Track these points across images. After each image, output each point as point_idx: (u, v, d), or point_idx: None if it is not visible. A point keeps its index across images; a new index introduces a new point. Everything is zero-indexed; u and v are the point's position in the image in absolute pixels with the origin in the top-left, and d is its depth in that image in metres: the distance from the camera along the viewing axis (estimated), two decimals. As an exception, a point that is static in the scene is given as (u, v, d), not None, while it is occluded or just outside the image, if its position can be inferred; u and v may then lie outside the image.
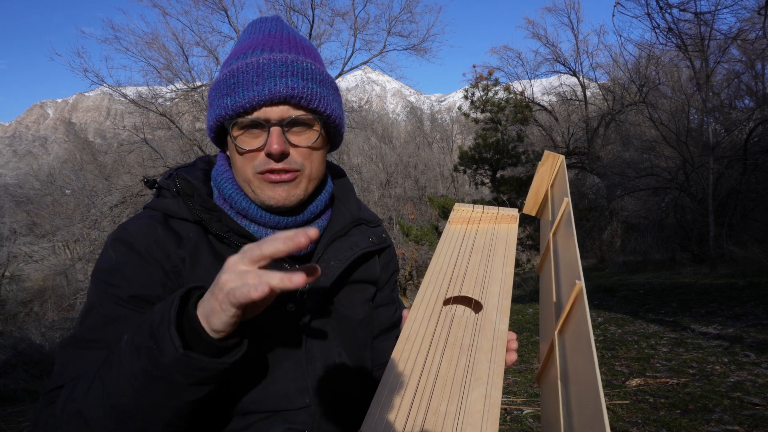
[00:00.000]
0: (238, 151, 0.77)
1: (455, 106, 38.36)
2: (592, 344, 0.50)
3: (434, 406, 0.60)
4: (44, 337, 7.70)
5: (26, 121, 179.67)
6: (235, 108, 0.73)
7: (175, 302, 0.58)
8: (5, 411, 4.02)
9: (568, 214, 0.81)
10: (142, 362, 0.57)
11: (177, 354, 0.55)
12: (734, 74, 13.13)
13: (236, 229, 0.78)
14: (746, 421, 2.51)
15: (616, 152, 16.39)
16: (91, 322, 0.71)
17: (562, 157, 1.01)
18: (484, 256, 0.91)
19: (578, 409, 0.48)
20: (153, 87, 14.76)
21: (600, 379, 0.45)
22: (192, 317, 0.57)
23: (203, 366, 0.57)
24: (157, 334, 0.56)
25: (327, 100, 0.78)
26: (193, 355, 0.56)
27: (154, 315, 0.59)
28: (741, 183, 11.24)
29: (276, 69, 0.73)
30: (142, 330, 0.59)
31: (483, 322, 0.75)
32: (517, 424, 2.83)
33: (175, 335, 0.55)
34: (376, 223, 0.99)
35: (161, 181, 0.83)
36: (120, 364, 0.59)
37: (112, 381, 0.59)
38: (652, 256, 12.69)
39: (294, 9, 15.04)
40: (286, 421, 0.78)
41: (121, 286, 0.72)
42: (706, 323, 4.89)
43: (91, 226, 15.66)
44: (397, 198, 27.67)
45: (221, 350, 0.59)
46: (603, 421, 0.40)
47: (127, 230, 0.76)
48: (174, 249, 0.76)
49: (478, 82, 15.17)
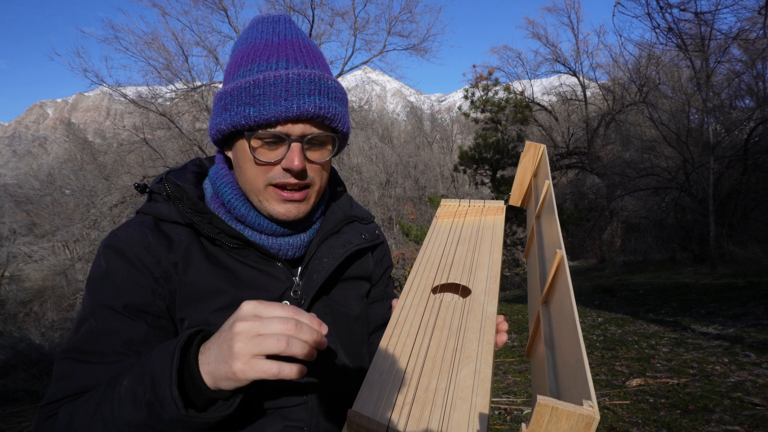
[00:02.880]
0: (256, 161, 0.76)
1: (455, 106, 38.40)
2: (573, 305, 0.50)
3: (424, 384, 0.60)
4: (44, 337, 7.71)
5: (26, 121, 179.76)
6: (258, 120, 0.73)
7: (176, 357, 0.58)
8: (5, 411, 4.01)
9: (550, 195, 0.82)
10: (142, 415, 0.59)
11: (179, 414, 0.57)
12: (734, 74, 13.12)
13: (227, 230, 0.78)
14: (746, 421, 2.51)
15: (616, 152, 16.39)
16: (85, 333, 0.72)
17: (543, 146, 1.01)
18: (471, 245, 0.92)
19: (563, 368, 0.48)
20: (153, 87, 14.77)
21: (581, 335, 0.45)
22: (194, 373, 0.58)
23: (205, 420, 0.59)
24: (159, 391, 0.57)
25: (345, 119, 0.80)
26: (195, 414, 0.58)
27: (154, 365, 0.60)
28: (741, 183, 11.24)
29: (305, 86, 0.73)
30: (143, 380, 0.60)
31: (472, 305, 0.76)
32: (517, 424, 2.82)
33: (177, 397, 0.56)
34: (368, 220, 0.99)
35: (152, 185, 0.83)
36: (120, 409, 0.60)
37: (112, 423, 0.61)
38: (652, 256, 12.70)
39: (294, 9, 15.04)
40: (284, 418, 0.78)
41: (114, 295, 0.73)
42: (707, 323, 4.89)
43: (90, 226, 15.67)
44: (397, 198, 27.68)
45: (218, 399, 0.61)
46: (584, 370, 0.40)
47: (117, 237, 0.77)
48: (165, 254, 0.76)
49: (478, 82, 15.16)
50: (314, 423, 0.79)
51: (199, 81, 14.86)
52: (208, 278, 0.77)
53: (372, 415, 0.55)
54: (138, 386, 0.60)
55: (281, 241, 0.83)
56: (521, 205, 1.08)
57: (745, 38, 9.77)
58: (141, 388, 0.59)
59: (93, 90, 18.04)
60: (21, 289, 18.02)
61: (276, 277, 0.82)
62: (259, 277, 0.81)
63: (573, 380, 0.43)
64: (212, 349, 0.58)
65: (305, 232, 0.86)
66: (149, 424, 0.59)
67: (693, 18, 7.95)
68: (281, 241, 0.83)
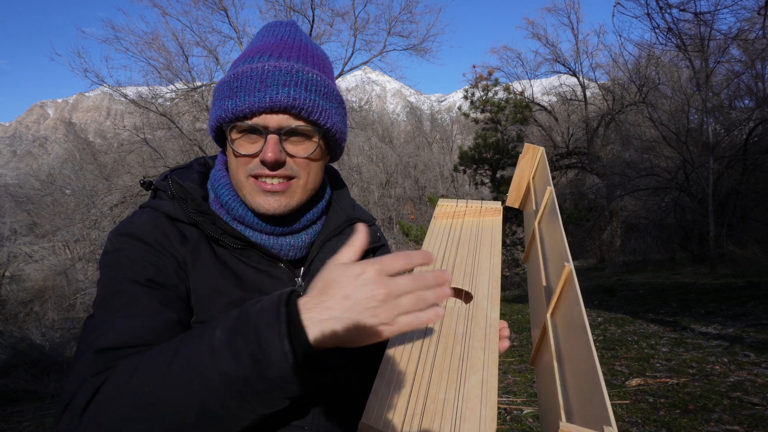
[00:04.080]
0: (234, 153, 0.77)
1: (455, 106, 38.36)
2: (585, 323, 0.51)
3: (432, 394, 0.61)
4: (44, 337, 7.71)
5: (26, 121, 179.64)
6: (235, 112, 0.74)
7: (283, 310, 0.54)
8: (5, 411, 4.02)
9: (552, 202, 0.82)
10: (244, 369, 0.53)
11: (288, 370, 0.52)
12: (734, 74, 13.13)
13: (230, 231, 0.78)
14: (746, 420, 2.52)
15: (616, 152, 16.40)
16: (113, 302, 0.67)
17: (542, 149, 1.02)
18: (471, 248, 0.93)
19: (575, 385, 0.49)
20: (153, 87, 14.78)
21: (596, 355, 0.46)
22: (300, 331, 0.53)
23: (309, 381, 0.55)
24: (266, 345, 0.52)
25: (329, 113, 0.78)
26: (303, 373, 0.53)
27: (258, 318, 0.54)
28: (741, 183, 11.25)
29: (280, 77, 0.73)
30: (243, 332, 0.54)
31: (475, 312, 0.76)
32: (517, 424, 2.83)
33: (289, 351, 0.52)
34: (370, 222, 0.99)
35: (157, 182, 0.83)
36: (215, 360, 0.53)
37: (198, 375, 0.54)
38: (652, 256, 12.71)
39: (294, 9, 15.06)
40: (286, 419, 0.77)
41: (138, 272, 0.70)
42: (706, 323, 4.89)
43: (91, 226, 15.68)
44: (397, 198, 27.70)
45: (318, 363, 0.56)
46: (602, 392, 0.41)
47: (133, 224, 0.75)
48: (178, 244, 0.76)
49: (478, 82, 15.15)
50: (315, 423, 0.79)
51: (200, 81, 14.88)
52: (214, 277, 0.77)
53: (383, 428, 0.55)
54: (238, 338, 0.54)
55: (282, 242, 0.83)
56: (519, 206, 1.08)
57: (745, 38, 9.78)
58: (243, 341, 0.53)
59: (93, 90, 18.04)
60: (21, 289, 18.01)
61: (278, 278, 0.82)
62: (262, 278, 0.81)
63: (589, 402, 0.43)
64: (336, 315, 0.53)
65: (306, 233, 0.86)
66: (250, 381, 0.53)
67: (692, 18, 7.96)
68: (282, 242, 0.83)
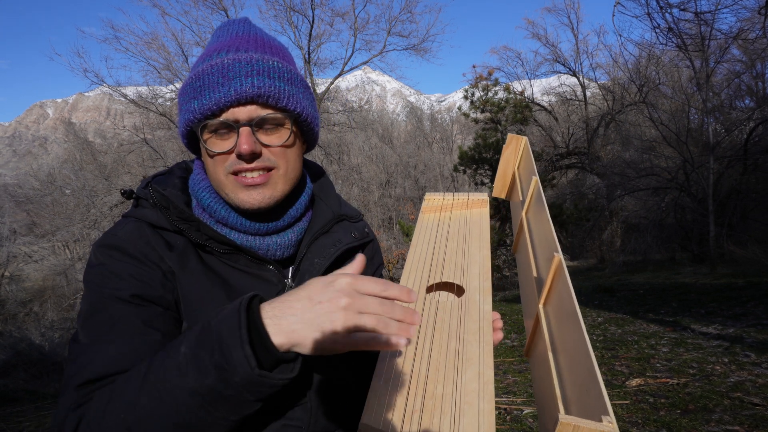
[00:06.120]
0: (209, 153, 0.76)
1: (455, 106, 38.40)
2: (577, 312, 0.51)
3: (430, 390, 0.61)
4: (44, 337, 7.71)
5: (26, 121, 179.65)
6: (202, 111, 0.72)
7: (243, 317, 0.55)
8: (5, 411, 4.01)
9: (538, 191, 0.82)
10: (210, 380, 0.55)
11: (252, 374, 0.54)
12: (734, 74, 13.14)
13: (215, 236, 0.77)
14: (746, 421, 2.51)
15: (616, 152, 16.41)
16: (95, 324, 0.69)
17: (525, 138, 1.03)
18: (461, 242, 0.93)
19: (571, 375, 0.49)
20: (153, 87, 14.80)
21: (590, 345, 0.45)
22: (262, 333, 0.55)
23: (273, 383, 0.56)
24: (228, 352, 0.54)
25: (297, 98, 0.77)
26: (268, 375, 0.55)
27: (220, 327, 0.56)
28: (741, 183, 11.26)
29: (241, 68, 0.72)
30: (207, 343, 0.56)
31: (467, 305, 0.76)
32: (517, 424, 2.82)
33: (251, 355, 0.53)
34: (357, 218, 0.98)
35: (138, 191, 0.81)
36: (182, 378, 0.56)
37: (168, 394, 0.56)
38: (652, 256, 12.71)
39: (294, 9, 15.07)
40: (284, 418, 0.78)
41: (121, 288, 0.70)
42: (706, 323, 4.89)
43: (91, 226, 15.69)
44: (397, 198, 27.71)
45: (282, 362, 0.58)
46: (598, 382, 0.41)
47: (116, 236, 0.75)
48: (164, 253, 0.75)
49: (478, 82, 15.15)
50: (313, 422, 0.79)
51: (199, 81, 14.85)
52: (203, 283, 0.76)
53: (384, 427, 0.55)
54: (201, 350, 0.56)
55: (269, 241, 0.82)
56: (505, 197, 1.09)
57: (745, 38, 9.77)
58: (206, 352, 0.55)
59: (93, 90, 18.07)
60: (21, 289, 18.01)
61: (268, 280, 0.81)
62: (251, 281, 0.80)
63: (586, 392, 0.43)
64: (296, 314, 0.56)
65: (292, 230, 0.85)
66: (217, 390, 0.55)
67: (693, 18, 7.96)
68: (269, 241, 0.82)
